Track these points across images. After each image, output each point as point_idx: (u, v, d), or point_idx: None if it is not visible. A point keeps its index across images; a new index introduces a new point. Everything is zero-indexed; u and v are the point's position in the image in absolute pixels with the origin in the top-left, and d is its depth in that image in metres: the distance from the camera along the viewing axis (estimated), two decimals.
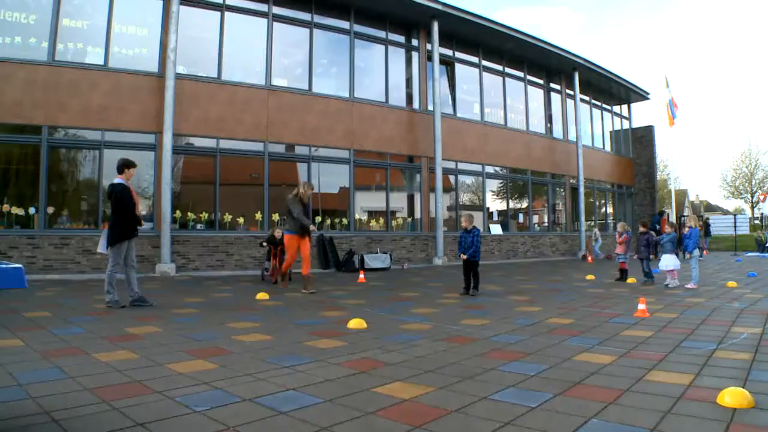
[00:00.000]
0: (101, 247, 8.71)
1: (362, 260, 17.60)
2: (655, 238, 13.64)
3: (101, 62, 15.33)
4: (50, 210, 14.56)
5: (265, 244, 13.51)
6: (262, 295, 10.11)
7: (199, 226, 16.43)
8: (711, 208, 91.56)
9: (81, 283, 12.70)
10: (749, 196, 64.30)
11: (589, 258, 24.55)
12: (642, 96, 33.54)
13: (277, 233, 12.88)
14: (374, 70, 20.86)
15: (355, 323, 7.04)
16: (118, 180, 8.66)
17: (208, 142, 16.71)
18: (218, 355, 5.27)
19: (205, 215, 16.51)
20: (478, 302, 9.73)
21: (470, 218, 11.10)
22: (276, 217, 17.67)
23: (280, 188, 18.21)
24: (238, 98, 17.09)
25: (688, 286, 11.89)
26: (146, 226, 14.59)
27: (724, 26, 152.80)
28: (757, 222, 56.70)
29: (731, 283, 12.54)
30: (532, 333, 6.62)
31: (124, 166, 8.76)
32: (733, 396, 3.77)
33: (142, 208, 15.34)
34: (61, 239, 14.47)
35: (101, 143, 15.10)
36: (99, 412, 3.57)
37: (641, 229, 13.43)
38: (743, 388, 3.92)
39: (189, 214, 16.30)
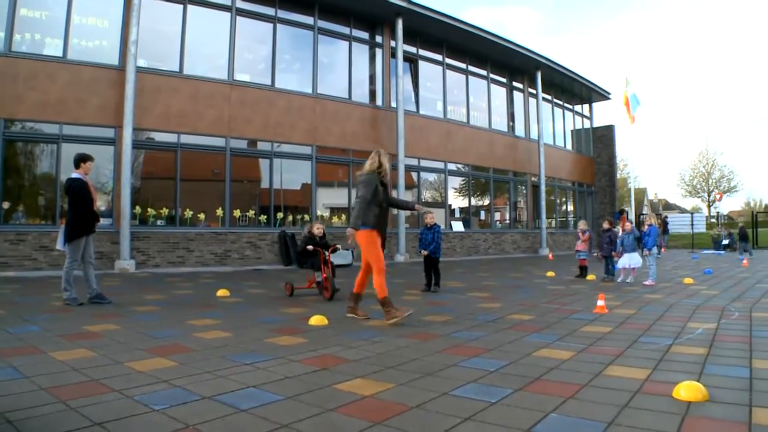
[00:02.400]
0: (59, 244, 8.57)
1: None
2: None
3: (60, 54, 15.02)
4: (6, 205, 14.26)
5: (311, 247, 9.93)
6: (223, 292, 10.05)
7: (159, 222, 16.24)
8: (669, 206, 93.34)
9: (38, 280, 12.45)
10: (706, 195, 65.89)
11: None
12: (603, 96, 34.06)
13: (317, 229, 10.35)
14: (338, 67, 20.82)
15: (316, 320, 7.04)
16: (75, 175, 8.52)
17: (169, 137, 16.50)
18: (178, 353, 5.22)
19: (165, 211, 16.33)
20: (440, 299, 9.79)
21: (432, 215, 11.21)
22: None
23: (242, 184, 18.12)
24: (200, 93, 16.91)
25: (646, 282, 12.13)
26: (105, 222, 14.40)
27: (684, 30, 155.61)
28: (713, 220, 57.97)
29: (688, 280, 12.82)
30: (493, 329, 6.68)
31: (81, 160, 8.60)
32: (688, 390, 3.86)
33: (101, 204, 15.09)
34: (17, 235, 14.16)
35: (59, 137, 14.81)
36: (55, 412, 3.52)
37: (605, 225, 13.56)
38: (698, 381, 4.02)
39: (149, 209, 16.11)
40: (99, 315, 7.46)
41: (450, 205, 24.57)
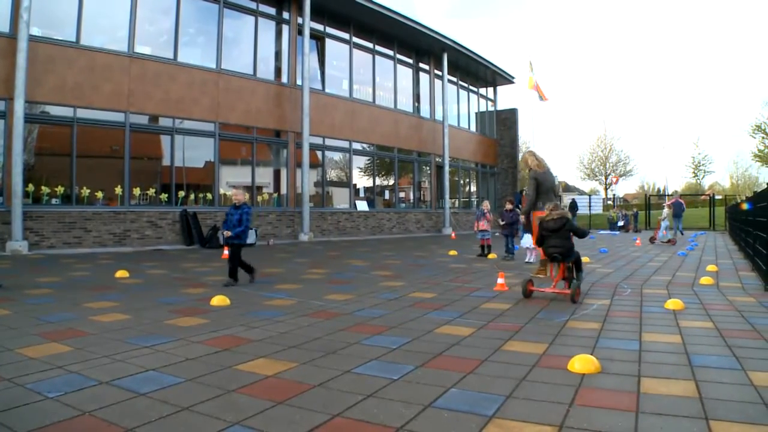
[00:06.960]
0: None
1: None
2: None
3: None
4: None
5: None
6: (121, 273, 9.80)
7: (54, 200, 15.52)
8: (569, 188, 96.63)
9: None
10: (603, 178, 68.67)
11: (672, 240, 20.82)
12: (507, 80, 35.00)
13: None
14: (243, 42, 20.44)
15: (218, 300, 7.02)
16: None
17: (65, 111, 15.70)
18: (74, 337, 5.10)
19: (60, 189, 15.60)
20: (343, 278, 9.90)
21: (243, 192, 9.42)
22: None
23: (142, 161, 17.57)
24: (97, 65, 16.14)
25: None
26: None
27: (585, 18, 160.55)
28: (609, 202, 60.67)
29: (585, 259, 13.32)
30: (396, 307, 6.84)
31: None
32: (582, 362, 4.12)
33: None
34: None
35: None
36: None
37: (507, 206, 13.92)
38: (591, 355, 4.30)
39: (43, 187, 15.34)
40: None
41: (355, 185, 24.71)
